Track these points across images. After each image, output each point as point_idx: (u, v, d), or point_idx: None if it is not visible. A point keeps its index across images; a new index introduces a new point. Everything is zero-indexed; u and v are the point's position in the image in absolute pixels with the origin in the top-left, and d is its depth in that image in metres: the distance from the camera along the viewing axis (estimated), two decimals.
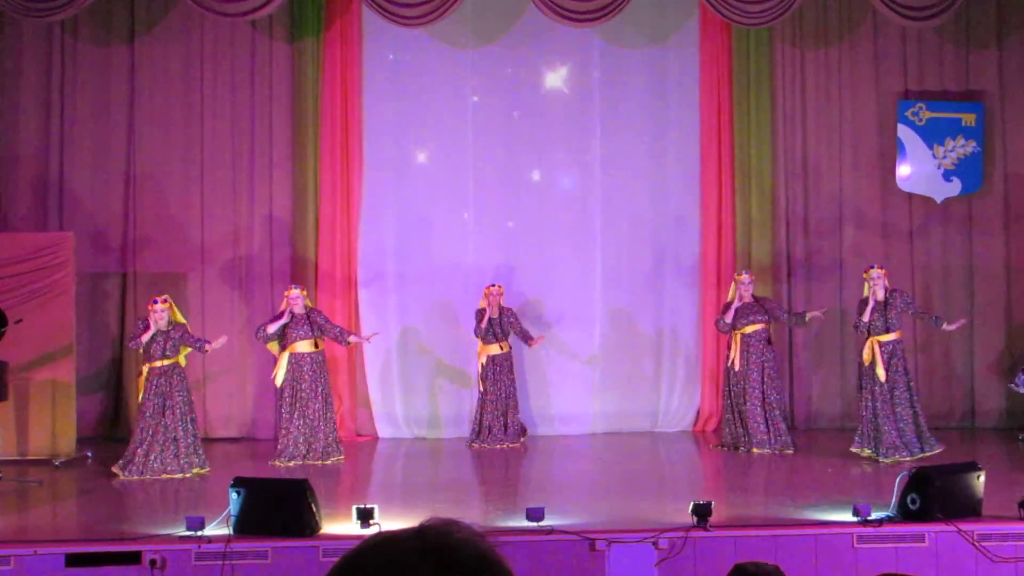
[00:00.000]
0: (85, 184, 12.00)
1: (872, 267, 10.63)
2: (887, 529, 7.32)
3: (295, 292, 10.70)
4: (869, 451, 10.29)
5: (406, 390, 12.22)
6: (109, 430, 11.91)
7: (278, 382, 10.60)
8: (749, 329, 10.91)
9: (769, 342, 11.05)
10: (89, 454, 10.74)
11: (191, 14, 11.75)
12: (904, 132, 12.36)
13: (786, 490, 9.27)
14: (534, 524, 7.27)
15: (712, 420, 12.35)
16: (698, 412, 12.49)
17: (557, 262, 12.42)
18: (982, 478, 7.63)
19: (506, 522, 7.48)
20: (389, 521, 7.23)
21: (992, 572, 7.16)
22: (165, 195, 12.07)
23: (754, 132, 12.49)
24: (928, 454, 10.12)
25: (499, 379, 11.46)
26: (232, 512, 7.30)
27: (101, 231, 11.98)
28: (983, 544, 7.22)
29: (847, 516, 7.49)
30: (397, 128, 12.35)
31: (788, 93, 12.55)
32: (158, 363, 9.95)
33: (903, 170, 12.41)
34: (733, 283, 11.21)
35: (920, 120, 12.35)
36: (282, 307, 10.73)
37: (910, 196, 12.55)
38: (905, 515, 7.45)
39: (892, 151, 12.45)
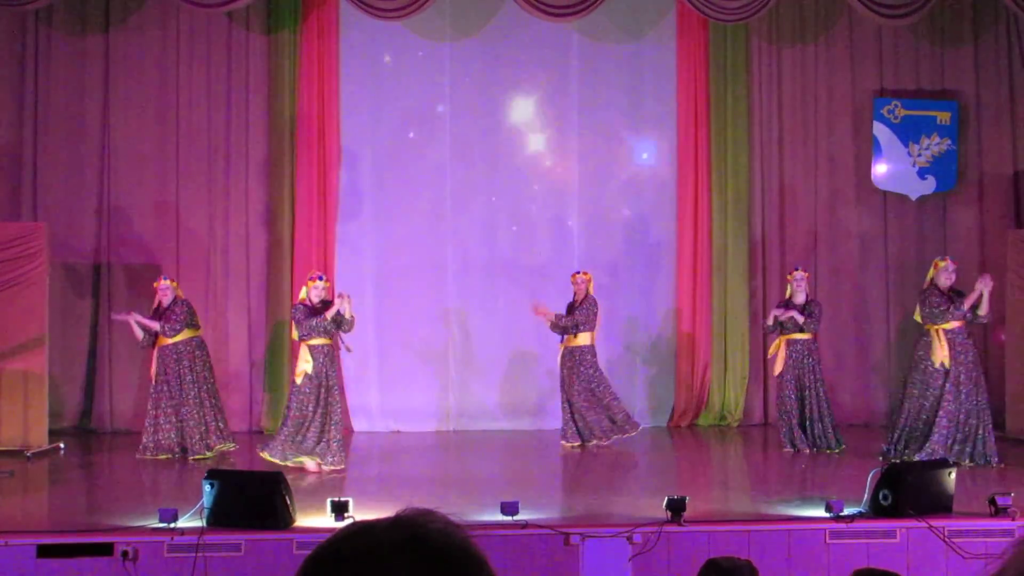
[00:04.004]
0: (59, 174, 11.91)
1: (797, 268, 11.00)
2: (859, 525, 7.35)
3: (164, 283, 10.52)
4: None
5: (382, 384, 12.20)
6: (82, 422, 11.85)
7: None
8: (950, 326, 10.14)
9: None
10: (62, 445, 10.68)
11: (167, 4, 11.70)
12: (880, 130, 12.43)
13: (760, 486, 9.31)
14: (509, 518, 7.26)
15: (687, 415, 12.40)
16: (673, 408, 12.52)
17: (533, 258, 12.42)
18: (953, 474, 7.68)
19: (481, 516, 7.47)
20: (364, 514, 7.20)
21: (963, 568, 7.20)
22: (140, 186, 11.99)
23: (730, 128, 12.52)
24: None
25: (576, 370, 11.09)
26: (205, 504, 7.27)
27: (75, 222, 11.89)
28: (954, 540, 7.26)
29: (820, 512, 7.52)
30: (374, 121, 12.32)
31: (765, 89, 12.59)
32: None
33: (878, 168, 12.48)
34: (934, 268, 10.38)
35: (896, 118, 12.42)
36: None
37: (885, 193, 12.62)
38: (877, 511, 7.49)
39: (867, 148, 12.51)
